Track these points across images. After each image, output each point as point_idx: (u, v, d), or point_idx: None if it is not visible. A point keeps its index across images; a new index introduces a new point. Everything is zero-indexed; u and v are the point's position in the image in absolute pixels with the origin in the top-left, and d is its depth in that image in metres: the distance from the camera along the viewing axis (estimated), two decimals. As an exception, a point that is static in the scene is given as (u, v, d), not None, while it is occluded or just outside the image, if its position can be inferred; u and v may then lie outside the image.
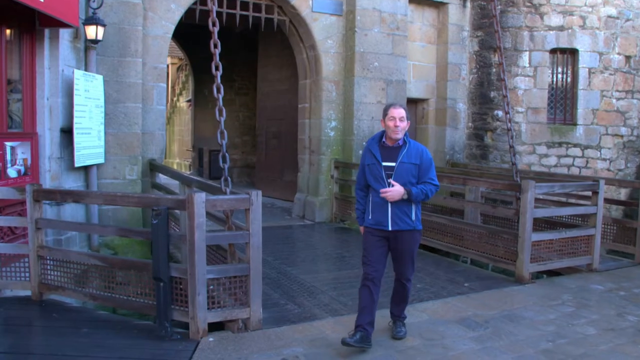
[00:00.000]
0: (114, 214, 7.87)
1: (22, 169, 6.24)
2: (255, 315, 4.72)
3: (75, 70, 6.88)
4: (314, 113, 10.31)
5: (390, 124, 4.33)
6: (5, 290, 5.54)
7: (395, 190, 4.24)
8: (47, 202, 6.20)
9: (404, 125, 4.34)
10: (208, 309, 4.53)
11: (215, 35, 5.08)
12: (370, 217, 4.45)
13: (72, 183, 7.20)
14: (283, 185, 12.16)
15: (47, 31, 6.62)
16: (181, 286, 4.58)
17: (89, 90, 7.16)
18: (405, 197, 4.26)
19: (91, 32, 7.08)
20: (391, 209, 4.34)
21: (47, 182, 6.61)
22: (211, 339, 4.51)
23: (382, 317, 4.86)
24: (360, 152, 9.94)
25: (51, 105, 6.72)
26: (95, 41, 7.19)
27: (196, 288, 4.42)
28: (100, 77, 7.51)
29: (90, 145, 7.24)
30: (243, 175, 15.79)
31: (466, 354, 4.42)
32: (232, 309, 4.68)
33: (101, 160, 7.63)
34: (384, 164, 4.36)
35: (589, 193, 7.44)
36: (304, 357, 4.26)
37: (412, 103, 11.08)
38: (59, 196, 5.26)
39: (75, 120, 6.81)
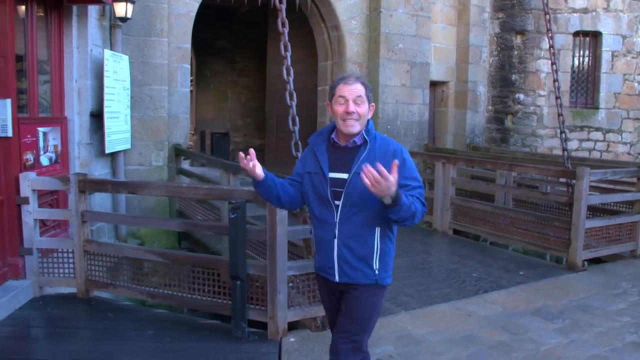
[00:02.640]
0: (140, 203, 7.49)
1: (53, 156, 5.81)
2: (332, 312, 4.46)
3: (106, 50, 6.45)
4: (335, 96, 9.96)
5: (340, 109, 2.66)
6: (45, 288, 5.16)
7: (390, 179, 2.38)
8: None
9: (362, 110, 2.66)
10: (287, 307, 4.26)
11: (286, 37, 4.81)
12: (316, 257, 2.89)
13: (101, 170, 6.79)
14: (295, 168, 11.64)
15: (75, 8, 6.17)
16: (257, 284, 4.29)
17: (117, 71, 6.74)
18: (388, 200, 2.46)
19: (120, 9, 6.64)
20: (338, 246, 2.69)
21: (77, 170, 6.20)
22: (292, 339, 4.26)
23: (468, 315, 4.66)
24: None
25: (80, 88, 6.27)
26: (124, 19, 6.76)
27: (277, 286, 4.14)
28: (126, 58, 7.08)
29: (118, 130, 6.83)
30: (245, 158, 15.39)
31: (558, 348, 4.29)
32: (311, 306, 4.40)
33: (128, 145, 7.23)
34: (331, 175, 2.69)
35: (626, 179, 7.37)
36: (399, 356, 4.05)
37: (432, 86, 10.82)
38: (110, 187, 4.89)
39: (105, 103, 6.40)
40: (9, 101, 4.82)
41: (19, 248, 5.00)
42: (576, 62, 10.74)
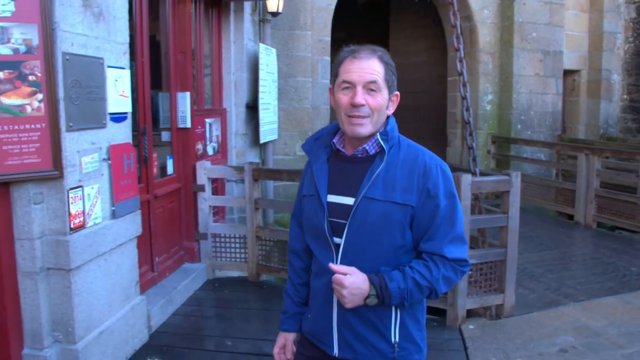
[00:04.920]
0: (285, 190, 7.73)
1: (216, 146, 6.12)
2: (508, 302, 4.43)
3: (260, 44, 6.69)
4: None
5: (343, 99, 1.75)
6: (216, 271, 5.45)
7: (349, 279, 1.68)
8: (233, 179, 6.05)
9: (377, 102, 1.74)
10: (466, 295, 4.26)
11: (458, 30, 4.81)
12: (307, 318, 1.99)
13: (252, 160, 7.06)
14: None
15: (232, 4, 6.44)
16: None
17: (268, 64, 6.97)
18: (372, 301, 1.71)
19: (272, 4, 6.85)
20: (339, 305, 1.79)
21: (233, 159, 6.49)
22: (471, 327, 4.25)
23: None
24: (519, 127, 9.48)
25: (236, 81, 6.56)
26: (275, 14, 6.96)
27: (457, 274, 4.15)
28: (274, 51, 7.30)
29: (269, 121, 7.07)
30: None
31: None
32: (487, 295, 4.38)
33: (276, 136, 7.47)
34: (330, 199, 1.82)
35: None
36: (582, 347, 3.95)
37: (562, 75, 10.40)
38: (286, 176, 5.06)
39: (259, 95, 6.64)
40: (188, 94, 5.12)
41: (195, 233, 5.31)
42: None
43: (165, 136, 5.15)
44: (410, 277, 1.70)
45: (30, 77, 2.76)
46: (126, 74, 3.59)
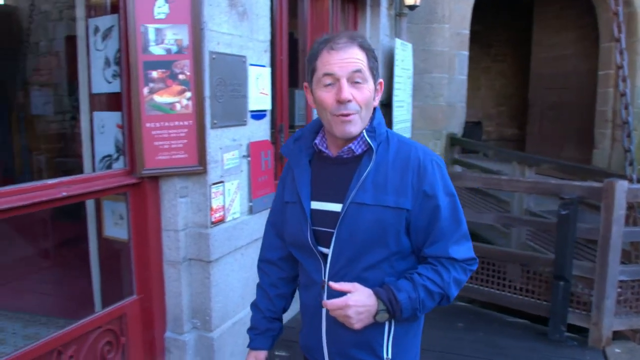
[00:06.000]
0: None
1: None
2: (664, 326, 3.99)
3: (397, 40, 6.59)
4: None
5: (326, 97, 1.54)
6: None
7: (353, 297, 1.51)
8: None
9: (364, 96, 1.53)
10: (613, 314, 3.90)
11: (620, 17, 4.33)
12: (302, 332, 1.83)
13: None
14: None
15: None
16: (580, 286, 4.00)
17: (404, 60, 6.86)
18: (382, 317, 1.54)
19: (410, -2, 6.74)
20: (327, 320, 1.65)
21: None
22: (618, 350, 3.89)
23: None
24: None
25: (371, 77, 6.52)
26: (412, 7, 6.85)
27: (605, 290, 3.81)
28: (410, 46, 7.18)
29: (402, 119, 6.97)
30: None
31: None
32: (638, 317, 3.98)
33: (409, 134, 7.34)
34: (315, 205, 1.64)
35: None
36: None
37: None
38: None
39: (393, 92, 6.55)
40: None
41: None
42: None
43: (299, 134, 5.22)
44: (421, 285, 1.52)
45: (180, 76, 2.88)
46: (267, 72, 3.66)
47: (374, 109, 1.62)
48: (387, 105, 6.62)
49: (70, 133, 5.60)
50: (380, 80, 1.63)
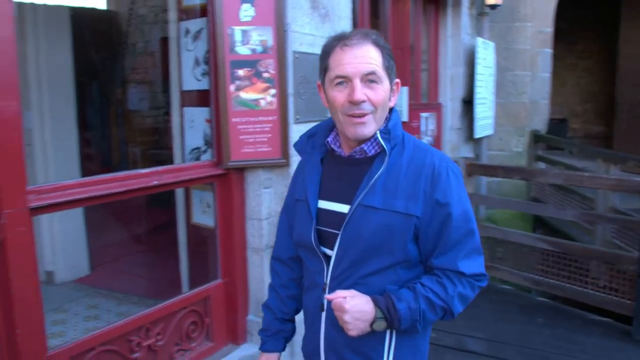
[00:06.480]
0: (498, 187, 7.53)
1: (431, 139, 6.17)
2: None
3: (478, 38, 6.56)
4: None
5: (338, 97, 1.48)
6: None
7: (350, 302, 1.44)
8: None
9: (379, 97, 1.47)
10: None
11: None
12: (304, 337, 1.76)
13: (466, 155, 6.98)
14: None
15: (450, -1, 6.41)
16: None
17: (485, 58, 6.80)
18: (380, 325, 1.45)
19: (493, -4, 6.67)
20: (326, 325, 1.60)
21: (447, 154, 6.47)
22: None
23: None
24: None
25: (452, 75, 6.51)
26: (494, 6, 6.79)
27: (693, 293, 3.67)
28: (491, 45, 7.11)
29: (484, 117, 6.92)
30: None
31: None
32: None
33: (491, 131, 7.29)
34: (322, 205, 1.60)
35: None
36: None
37: None
38: (501, 172, 4.96)
39: (475, 90, 6.52)
40: (405, 89, 5.23)
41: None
42: None
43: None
44: (423, 296, 1.45)
45: (265, 74, 3.06)
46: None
47: (391, 110, 1.56)
48: (469, 102, 6.60)
49: (163, 127, 5.99)
50: (397, 80, 1.56)
